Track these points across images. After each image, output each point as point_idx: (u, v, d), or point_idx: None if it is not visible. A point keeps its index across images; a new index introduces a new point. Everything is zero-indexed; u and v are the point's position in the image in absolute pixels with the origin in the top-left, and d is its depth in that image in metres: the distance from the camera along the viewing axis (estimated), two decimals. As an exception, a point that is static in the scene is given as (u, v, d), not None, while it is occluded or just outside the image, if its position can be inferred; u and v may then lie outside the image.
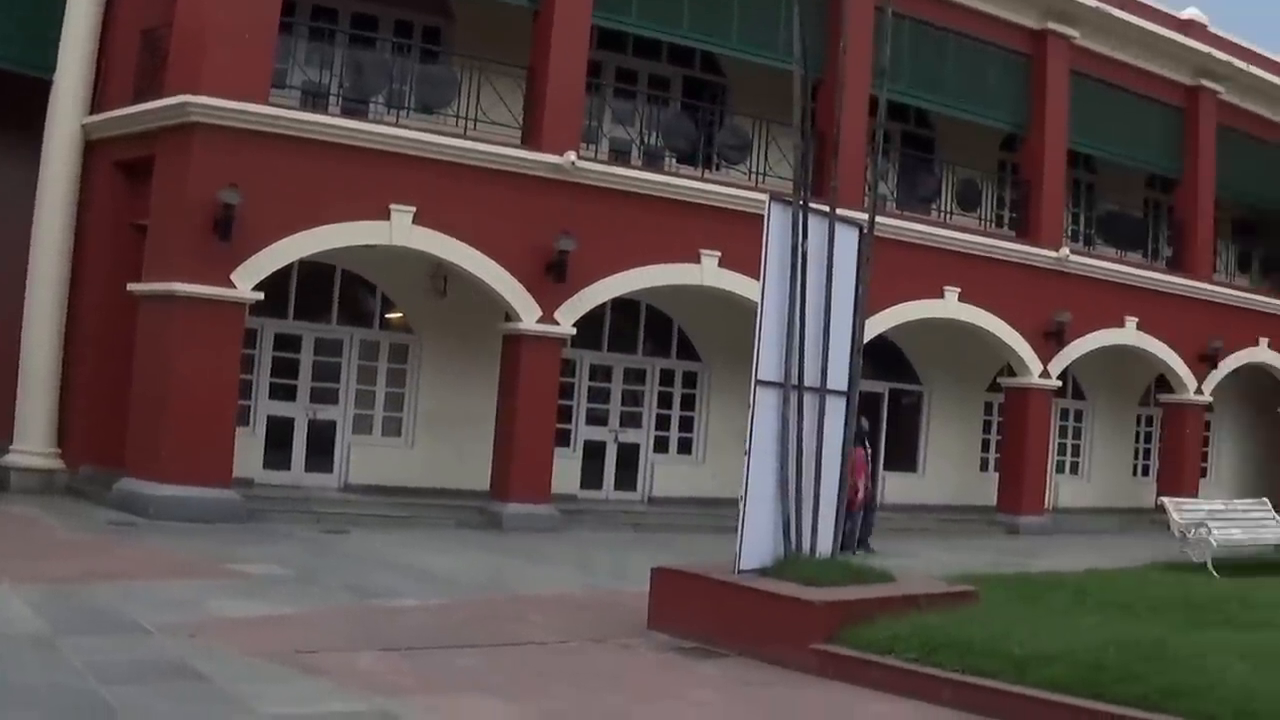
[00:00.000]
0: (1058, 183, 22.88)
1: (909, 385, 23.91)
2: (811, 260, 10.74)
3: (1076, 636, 9.26)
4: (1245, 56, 26.17)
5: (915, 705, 8.40)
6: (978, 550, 18.34)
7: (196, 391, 14.67)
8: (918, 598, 10.30)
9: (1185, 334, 24.84)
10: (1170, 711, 7.62)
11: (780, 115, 15.06)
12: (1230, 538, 17.21)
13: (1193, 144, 25.22)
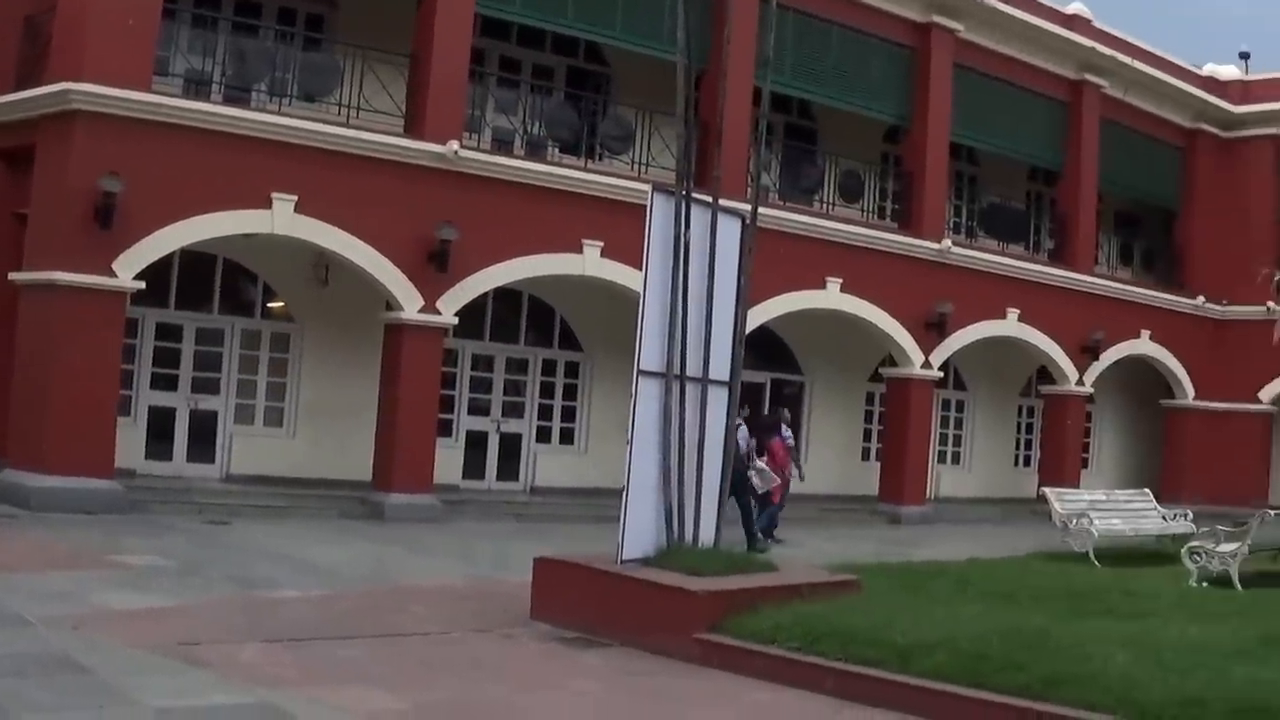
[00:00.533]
0: (940, 175, 24.75)
1: (791, 375, 25.72)
2: (694, 250, 11.42)
3: (959, 625, 9.82)
4: (1129, 51, 28.38)
5: (798, 694, 8.90)
6: (860, 539, 19.53)
7: (77, 381, 15.55)
8: (800, 587, 10.93)
9: (1067, 325, 26.99)
10: (1053, 700, 8.14)
11: (664, 105, 15.92)
12: (1112, 528, 18.45)
13: (1076, 137, 27.42)
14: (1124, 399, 32.28)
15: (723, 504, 16.17)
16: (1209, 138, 31.57)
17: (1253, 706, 7.71)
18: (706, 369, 11.62)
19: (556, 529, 17.52)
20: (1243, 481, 29.66)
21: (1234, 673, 8.52)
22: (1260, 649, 9.76)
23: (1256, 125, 31.61)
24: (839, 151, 24.51)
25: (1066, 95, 27.41)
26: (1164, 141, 30.79)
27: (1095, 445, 31.65)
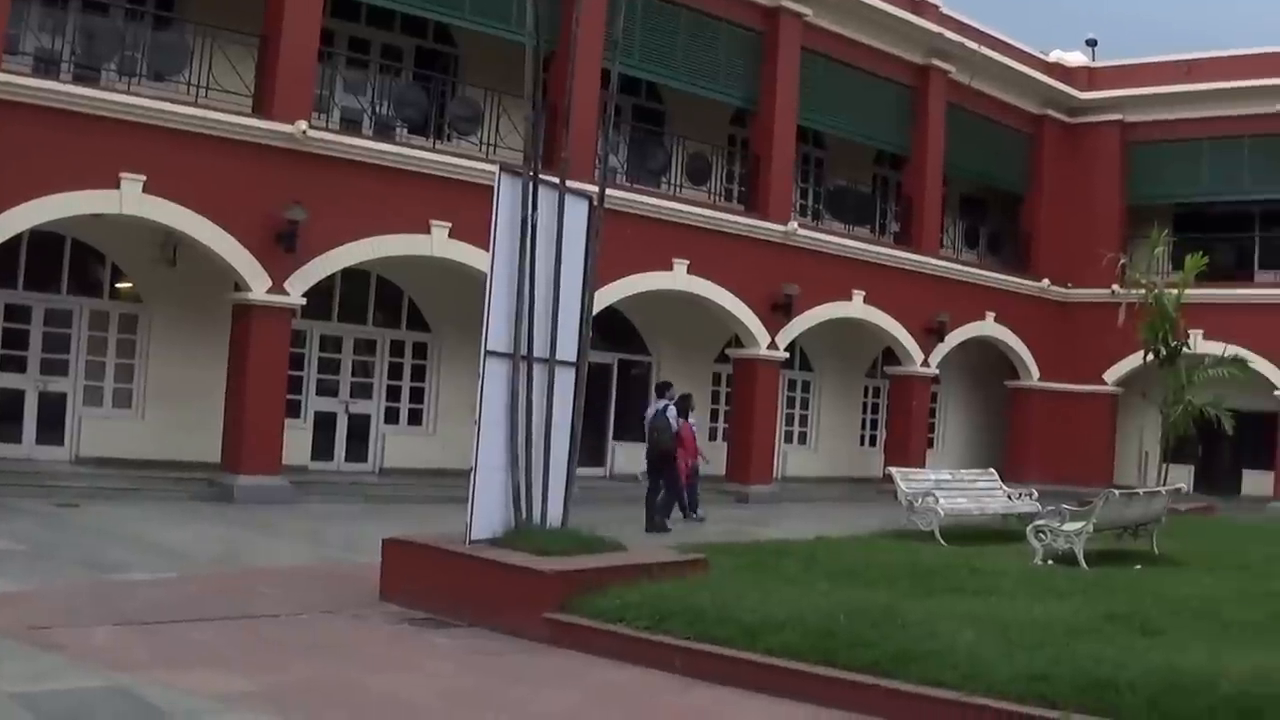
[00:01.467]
0: (787, 158, 26.68)
1: (638, 356, 27.50)
2: (541, 232, 12.03)
3: (807, 603, 10.42)
4: (976, 37, 30.69)
5: (647, 673, 9.44)
6: (709, 519, 20.77)
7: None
8: (649, 566, 11.53)
9: (912, 307, 29.29)
10: (901, 677, 8.68)
11: (512, 87, 16.33)
12: (957, 507, 19.44)
13: (922, 122, 29.80)
14: (969, 380, 34.79)
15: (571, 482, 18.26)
16: (1055, 123, 34.33)
17: (1097, 682, 8.31)
18: (553, 350, 12.23)
19: (406, 510, 18.43)
20: (1088, 461, 32.55)
21: (1079, 649, 9.17)
22: (1104, 626, 10.54)
23: (1102, 112, 34.48)
24: (687, 134, 26.26)
25: (913, 80, 29.74)
26: (1010, 127, 33.35)
27: (941, 425, 34.22)
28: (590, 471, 23.48)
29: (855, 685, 8.73)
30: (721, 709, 8.75)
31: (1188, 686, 8.11)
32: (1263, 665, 8.59)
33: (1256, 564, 16.26)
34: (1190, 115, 33.14)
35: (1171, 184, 34.16)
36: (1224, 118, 32.58)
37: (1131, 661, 8.74)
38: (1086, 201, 34.02)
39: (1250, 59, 32.64)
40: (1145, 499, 17.69)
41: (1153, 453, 28.00)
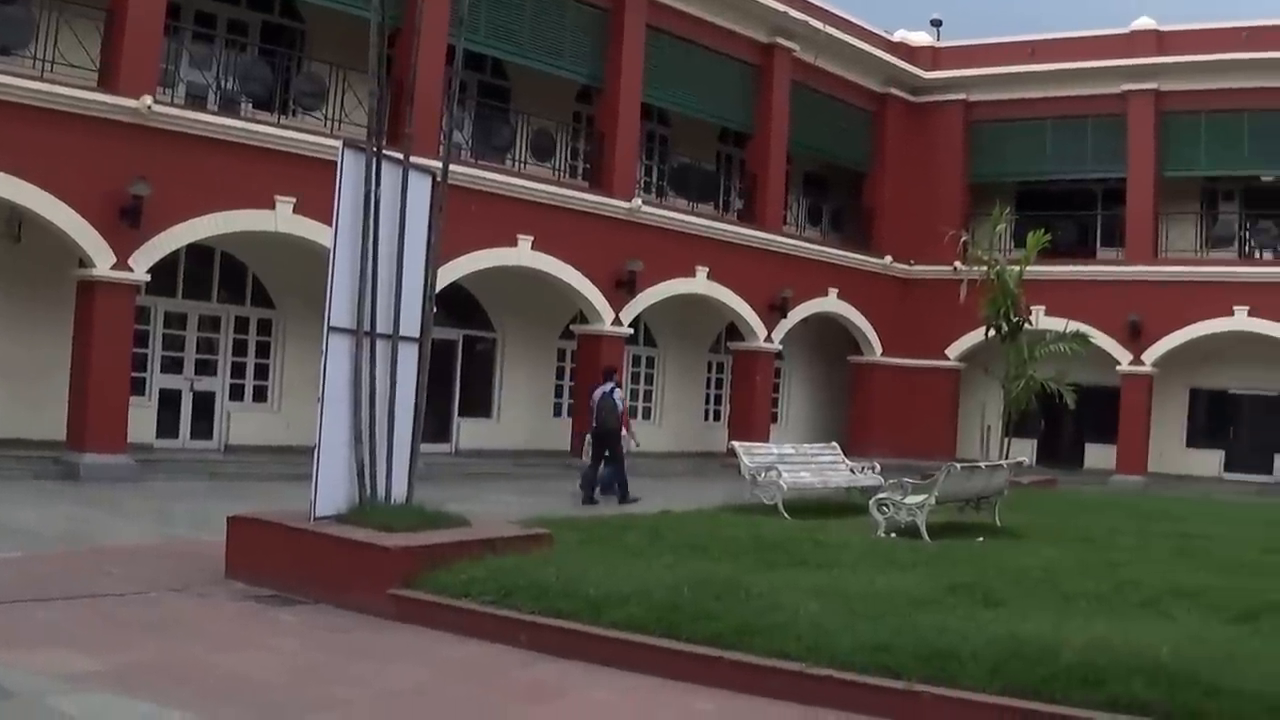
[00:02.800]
0: (631, 135, 28.39)
1: (483, 332, 28.85)
2: (384, 207, 12.39)
3: (651, 577, 10.95)
4: (820, 16, 32.66)
5: (493, 648, 9.82)
6: (553, 494, 21.55)
7: None
8: (493, 541, 11.98)
9: (755, 284, 31.13)
10: (744, 649, 9.13)
11: (358, 62, 16.65)
12: (800, 480, 20.41)
13: (766, 100, 31.77)
14: (813, 355, 37.04)
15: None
16: (899, 102, 36.74)
17: (938, 652, 8.78)
18: (397, 326, 12.63)
19: (252, 487, 18.92)
20: (931, 436, 34.99)
21: (921, 620, 9.75)
22: (946, 597, 11.16)
23: (946, 91, 36.99)
24: (532, 111, 27.64)
25: (758, 58, 31.66)
26: (854, 105, 35.62)
27: (784, 400, 36.38)
28: (436, 448, 24.87)
29: (699, 657, 9.24)
30: (566, 683, 9.12)
31: (1029, 656, 8.65)
32: (1103, 634, 9.20)
33: (1098, 536, 17.33)
34: (1033, 95, 35.76)
35: (1014, 163, 36.77)
36: (1066, 98, 35.19)
37: (974, 632, 9.32)
38: (929, 179, 36.36)
39: (1092, 40, 35.19)
40: (987, 472, 18.74)
41: (995, 427, 30.34)
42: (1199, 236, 35.92)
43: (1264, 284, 32.81)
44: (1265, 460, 34.63)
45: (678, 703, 8.73)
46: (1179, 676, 8.25)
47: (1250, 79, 32.84)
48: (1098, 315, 32.84)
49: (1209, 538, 17.61)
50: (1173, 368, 34.29)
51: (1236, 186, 36.17)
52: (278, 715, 7.89)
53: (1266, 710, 7.83)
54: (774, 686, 8.86)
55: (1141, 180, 34.49)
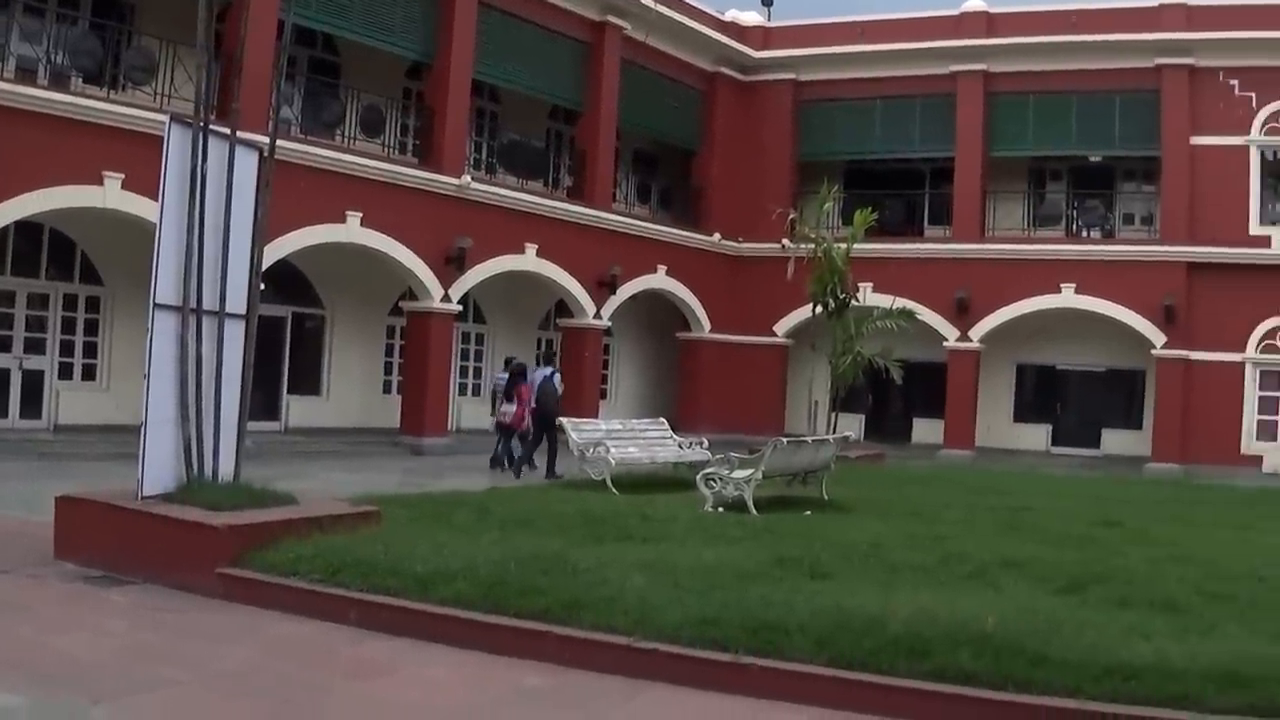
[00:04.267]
0: (461, 111, 29.38)
1: (312, 309, 29.88)
2: (211, 183, 12.61)
3: (478, 553, 11.32)
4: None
5: (322, 626, 10.13)
6: (383, 472, 22.52)
7: None
8: (321, 519, 12.27)
9: (585, 260, 32.57)
10: (572, 623, 9.53)
11: (188, 36, 16.72)
12: (629, 456, 21.18)
13: (596, 78, 33.16)
14: (642, 332, 38.76)
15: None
16: (729, 81, 38.59)
17: (765, 625, 9.26)
18: (223, 303, 12.87)
19: (82, 467, 19.35)
20: (759, 411, 36.96)
21: (748, 593, 10.22)
22: (773, 570, 11.63)
23: (776, 70, 38.95)
24: (362, 87, 28.63)
25: (589, 36, 33.04)
26: (685, 84, 37.29)
27: (614, 377, 38.02)
28: (265, 426, 25.89)
29: (527, 632, 9.62)
30: (396, 659, 9.47)
31: (856, 628, 9.16)
32: (929, 606, 9.76)
33: (925, 509, 18.04)
34: (863, 75, 37.97)
35: (843, 142, 39.00)
36: (896, 78, 37.44)
37: (801, 604, 9.79)
38: (759, 158, 38.40)
39: (921, 22, 37.37)
40: (813, 447, 19.47)
41: (823, 402, 32.17)
42: (1026, 215, 38.17)
43: (1090, 262, 35.25)
44: (1092, 435, 37.36)
45: (507, 677, 9.06)
46: (1005, 647, 8.83)
47: (1078, 61, 35.28)
48: (925, 292, 35.30)
49: (1036, 511, 18.57)
50: (1000, 344, 36.62)
51: (1064, 166, 38.73)
52: (108, 697, 8.01)
53: (1092, 679, 8.40)
54: (602, 660, 9.28)
55: (969, 160, 36.74)
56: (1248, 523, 18.44)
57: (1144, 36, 34.92)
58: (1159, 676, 8.41)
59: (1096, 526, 16.92)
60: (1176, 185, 34.98)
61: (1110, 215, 38.39)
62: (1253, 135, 34.46)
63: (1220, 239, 34.17)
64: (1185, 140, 34.86)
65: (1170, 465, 33.14)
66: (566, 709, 8.49)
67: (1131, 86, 35.53)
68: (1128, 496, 22.43)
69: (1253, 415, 34.41)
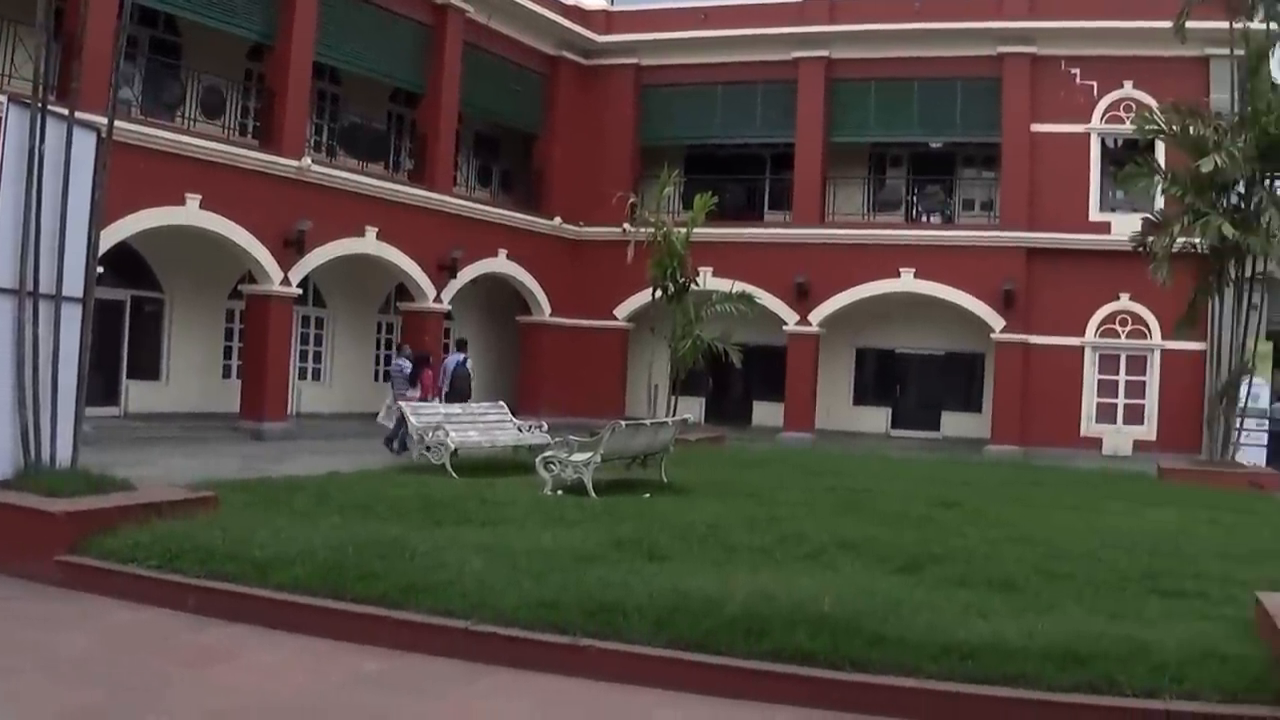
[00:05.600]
0: (302, 93, 29.90)
1: (151, 293, 30.16)
2: (49, 164, 12.78)
3: (317, 538, 11.48)
4: None
5: (161, 613, 10.25)
6: (223, 456, 22.67)
7: None
8: (160, 505, 12.43)
9: (425, 244, 33.18)
10: (410, 608, 9.77)
11: (28, 16, 16.79)
12: (468, 439, 21.63)
13: (438, 60, 33.79)
14: (483, 316, 39.51)
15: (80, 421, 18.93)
16: (571, 65, 39.57)
17: (603, 606, 9.52)
18: (60, 286, 12.98)
19: None
20: (600, 395, 38.04)
21: (586, 575, 10.48)
22: (611, 552, 11.92)
23: (618, 55, 39.99)
24: (203, 68, 28.95)
25: (431, 18, 33.67)
26: (527, 67, 38.16)
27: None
28: (104, 411, 26.24)
29: (365, 617, 9.82)
30: (235, 646, 9.57)
31: (694, 609, 9.46)
32: (767, 586, 10.06)
33: (764, 491, 18.46)
34: (705, 60, 39.18)
35: (684, 126, 40.14)
36: (738, 63, 38.74)
37: (638, 586, 10.09)
38: (600, 142, 39.43)
39: (764, 8, 38.69)
40: (652, 429, 19.99)
41: (662, 385, 33.18)
42: (867, 201, 39.76)
43: (929, 247, 36.84)
44: (931, 417, 39.06)
45: (346, 663, 9.23)
46: (842, 627, 9.16)
47: (920, 48, 36.92)
48: (765, 277, 36.61)
49: (874, 492, 19.15)
50: (840, 328, 38.08)
51: (905, 152, 40.36)
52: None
53: (929, 658, 8.74)
54: (441, 644, 9.51)
55: (810, 145, 38.15)
56: (1087, 503, 19.32)
57: (986, 25, 36.54)
58: (996, 655, 8.81)
59: (935, 507, 17.53)
60: (1017, 172, 36.63)
61: (950, 201, 39.94)
62: (1094, 123, 36.28)
63: (1060, 225, 35.92)
64: (1026, 127, 36.55)
65: (1010, 447, 34.73)
66: (404, 694, 8.67)
67: (973, 74, 37.15)
68: (967, 478, 23.23)
69: (1092, 398, 36.26)
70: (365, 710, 8.33)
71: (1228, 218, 25.42)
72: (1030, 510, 18.12)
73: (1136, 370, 36.35)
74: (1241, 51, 26.24)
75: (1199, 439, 32.04)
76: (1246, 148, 25.26)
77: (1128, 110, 34.34)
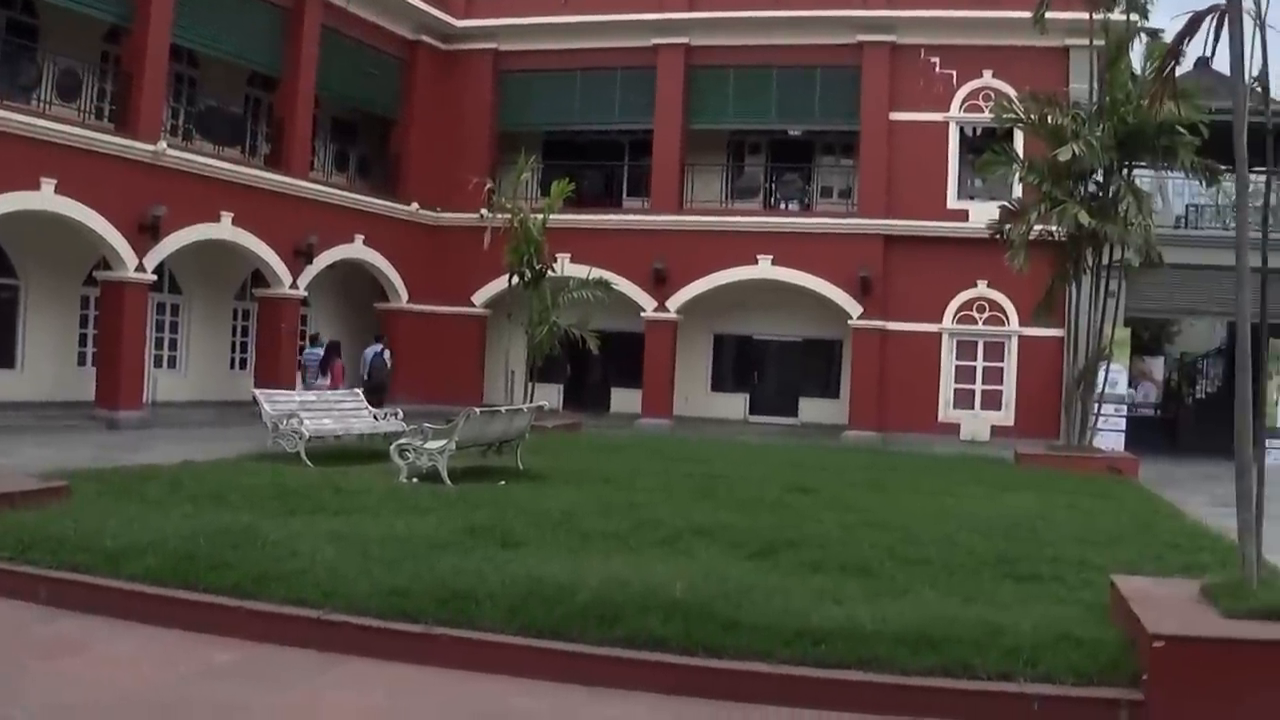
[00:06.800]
0: (159, 76, 30.01)
1: (5, 279, 30.24)
2: None
3: (169, 528, 11.61)
4: None
5: (11, 604, 10.35)
6: (76, 445, 22.73)
7: None
8: (11, 495, 12.52)
9: (281, 229, 33.47)
10: (262, 597, 9.92)
11: None
12: (323, 427, 22.04)
13: (296, 44, 34.04)
14: (340, 302, 40.01)
15: None
16: (430, 50, 40.09)
17: (455, 594, 9.72)
18: None
19: None
20: (458, 381, 38.60)
21: (439, 563, 10.68)
22: (464, 540, 12.16)
23: (477, 40, 40.55)
24: (59, 50, 28.97)
25: (289, 1, 33.88)
26: (385, 52, 38.60)
27: None
28: None
29: (217, 608, 9.94)
30: (88, 637, 9.66)
31: (547, 596, 9.66)
32: (620, 573, 10.29)
33: (620, 478, 19.05)
34: (564, 46, 39.92)
35: (543, 112, 40.87)
36: (597, 49, 39.46)
37: (491, 573, 10.28)
38: (459, 127, 39.98)
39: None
40: (507, 416, 20.42)
41: (520, 372, 33.80)
42: (725, 187, 40.68)
43: (787, 234, 37.90)
44: (790, 404, 40.15)
45: (198, 654, 9.36)
46: (695, 612, 9.40)
47: (780, 36, 37.92)
48: (623, 263, 37.42)
49: (731, 478, 19.64)
50: (698, 314, 38.95)
51: (763, 140, 41.28)
52: None
53: (783, 643, 8.99)
54: (293, 634, 9.65)
55: (669, 132, 39.01)
56: (943, 489, 19.98)
57: (846, 13, 37.62)
58: (849, 639, 9.06)
59: (791, 493, 17.99)
60: (875, 160, 37.80)
61: (809, 188, 41.05)
62: (953, 112, 37.46)
63: (918, 213, 37.14)
64: (885, 115, 37.75)
65: (868, 433, 35.89)
66: (256, 685, 8.76)
67: (833, 62, 38.30)
68: (824, 463, 23.97)
69: (949, 384, 37.49)
70: (217, 702, 8.43)
71: (1085, 206, 26.56)
72: (886, 495, 18.72)
73: (994, 356, 37.59)
74: (1101, 42, 27.25)
75: (1057, 425, 33.25)
76: (1105, 136, 26.38)
77: (987, 99, 35.59)
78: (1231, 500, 10.02)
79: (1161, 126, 25.80)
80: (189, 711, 8.28)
